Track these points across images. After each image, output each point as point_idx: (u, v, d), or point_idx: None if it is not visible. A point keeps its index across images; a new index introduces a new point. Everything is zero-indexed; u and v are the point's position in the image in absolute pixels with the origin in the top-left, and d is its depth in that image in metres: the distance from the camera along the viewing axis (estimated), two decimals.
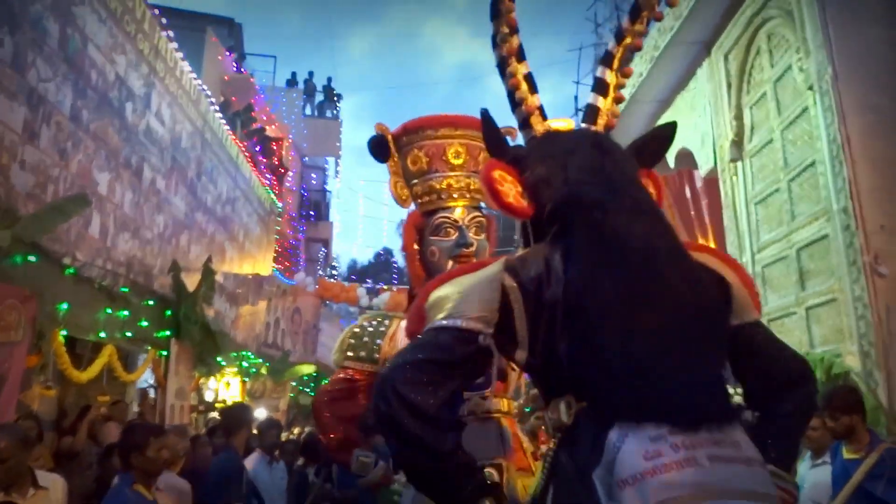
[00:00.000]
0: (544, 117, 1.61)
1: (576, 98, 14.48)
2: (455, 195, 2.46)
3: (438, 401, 1.25)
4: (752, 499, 1.12)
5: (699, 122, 6.57)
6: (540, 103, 1.63)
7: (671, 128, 1.66)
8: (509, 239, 9.60)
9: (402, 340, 2.20)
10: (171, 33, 8.64)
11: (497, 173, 1.44)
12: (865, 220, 4.26)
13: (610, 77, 1.66)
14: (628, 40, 1.66)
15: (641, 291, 1.22)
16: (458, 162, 2.48)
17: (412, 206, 2.62)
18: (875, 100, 4.41)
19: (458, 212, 2.43)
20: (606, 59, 1.67)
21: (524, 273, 1.32)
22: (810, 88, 4.72)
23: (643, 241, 1.27)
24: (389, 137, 2.61)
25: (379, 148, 2.62)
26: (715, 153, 6.26)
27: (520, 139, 1.70)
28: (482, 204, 2.51)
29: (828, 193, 4.56)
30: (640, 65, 7.10)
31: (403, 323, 2.24)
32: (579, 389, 1.26)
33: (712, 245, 7.21)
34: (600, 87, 1.66)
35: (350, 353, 2.41)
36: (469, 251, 2.36)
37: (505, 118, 2.54)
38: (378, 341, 2.40)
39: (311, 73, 21.62)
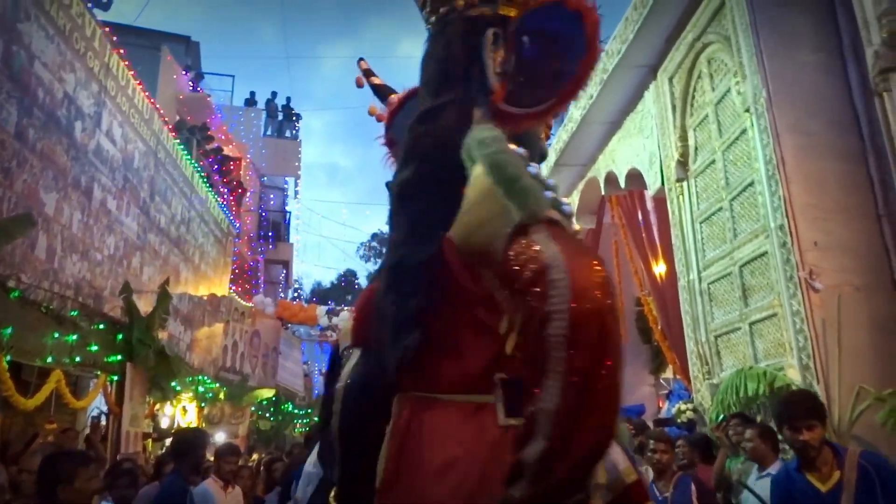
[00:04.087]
0: None
1: None
2: None
3: None
4: None
5: (647, 143, 6.76)
6: None
7: None
8: None
9: None
10: (122, 51, 8.55)
11: None
12: (800, 237, 4.43)
13: None
14: None
15: None
16: None
17: None
18: (805, 121, 4.62)
19: None
20: None
21: None
22: (747, 111, 4.92)
23: None
24: None
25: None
26: (662, 173, 6.44)
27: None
28: None
29: (766, 212, 4.73)
30: (590, 87, 7.28)
31: None
32: None
33: (662, 264, 7.38)
34: None
35: None
36: None
37: None
38: None
39: (273, 94, 21.54)
